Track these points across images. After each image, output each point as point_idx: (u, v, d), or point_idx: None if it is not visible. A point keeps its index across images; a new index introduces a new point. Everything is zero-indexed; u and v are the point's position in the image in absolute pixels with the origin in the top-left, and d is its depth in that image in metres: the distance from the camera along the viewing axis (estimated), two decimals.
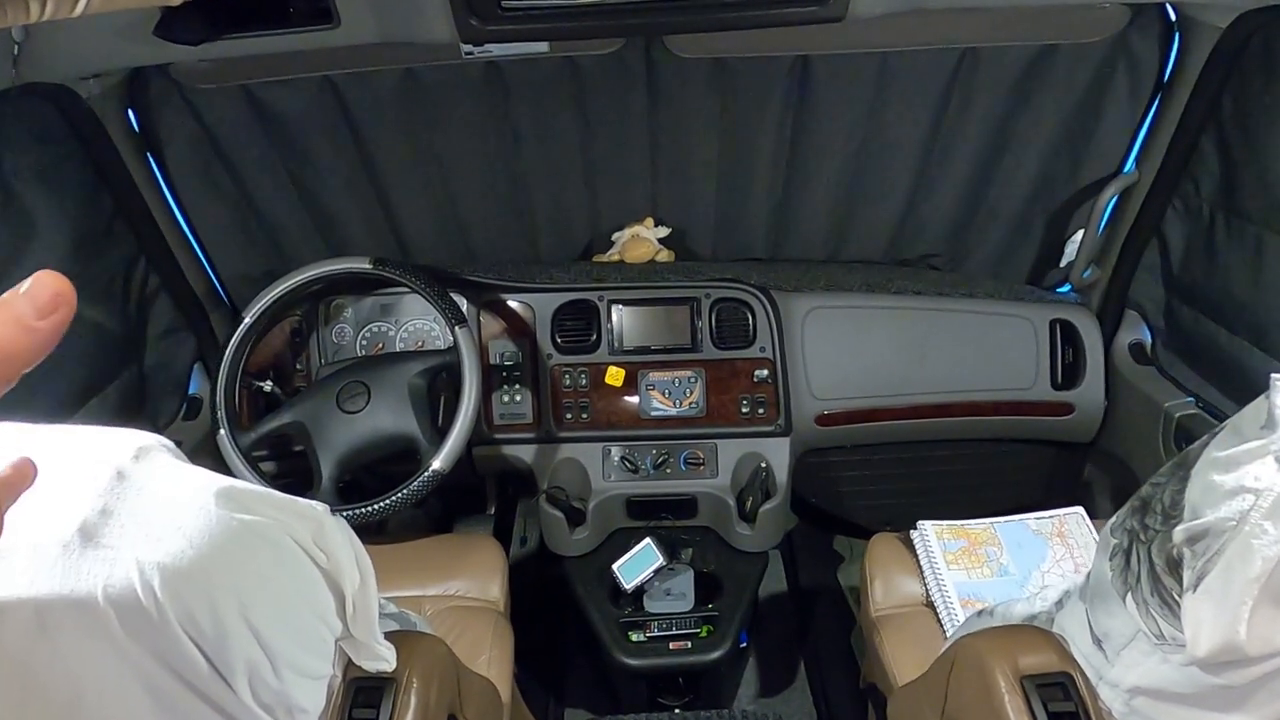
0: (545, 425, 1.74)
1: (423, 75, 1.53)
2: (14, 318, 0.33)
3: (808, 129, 1.65)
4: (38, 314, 0.33)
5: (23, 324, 0.33)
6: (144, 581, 0.63)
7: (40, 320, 0.33)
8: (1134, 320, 1.70)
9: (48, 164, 1.34)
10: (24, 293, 0.33)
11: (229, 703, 0.71)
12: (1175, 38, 1.44)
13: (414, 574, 1.53)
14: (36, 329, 0.33)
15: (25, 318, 0.33)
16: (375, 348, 1.77)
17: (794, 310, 1.74)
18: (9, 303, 0.33)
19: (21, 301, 0.33)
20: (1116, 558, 0.72)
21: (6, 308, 0.33)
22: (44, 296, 0.33)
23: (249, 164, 1.65)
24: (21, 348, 0.33)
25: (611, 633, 1.55)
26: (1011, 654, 0.79)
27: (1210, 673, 0.64)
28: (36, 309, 0.33)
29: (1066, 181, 1.70)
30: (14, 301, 0.33)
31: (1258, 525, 0.58)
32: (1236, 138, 1.36)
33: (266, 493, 0.72)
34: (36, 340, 0.33)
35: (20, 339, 0.33)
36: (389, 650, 0.82)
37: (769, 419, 1.72)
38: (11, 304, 0.33)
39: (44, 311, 0.33)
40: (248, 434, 1.53)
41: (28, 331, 0.33)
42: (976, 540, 1.50)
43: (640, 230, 1.83)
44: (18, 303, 0.33)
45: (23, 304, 0.33)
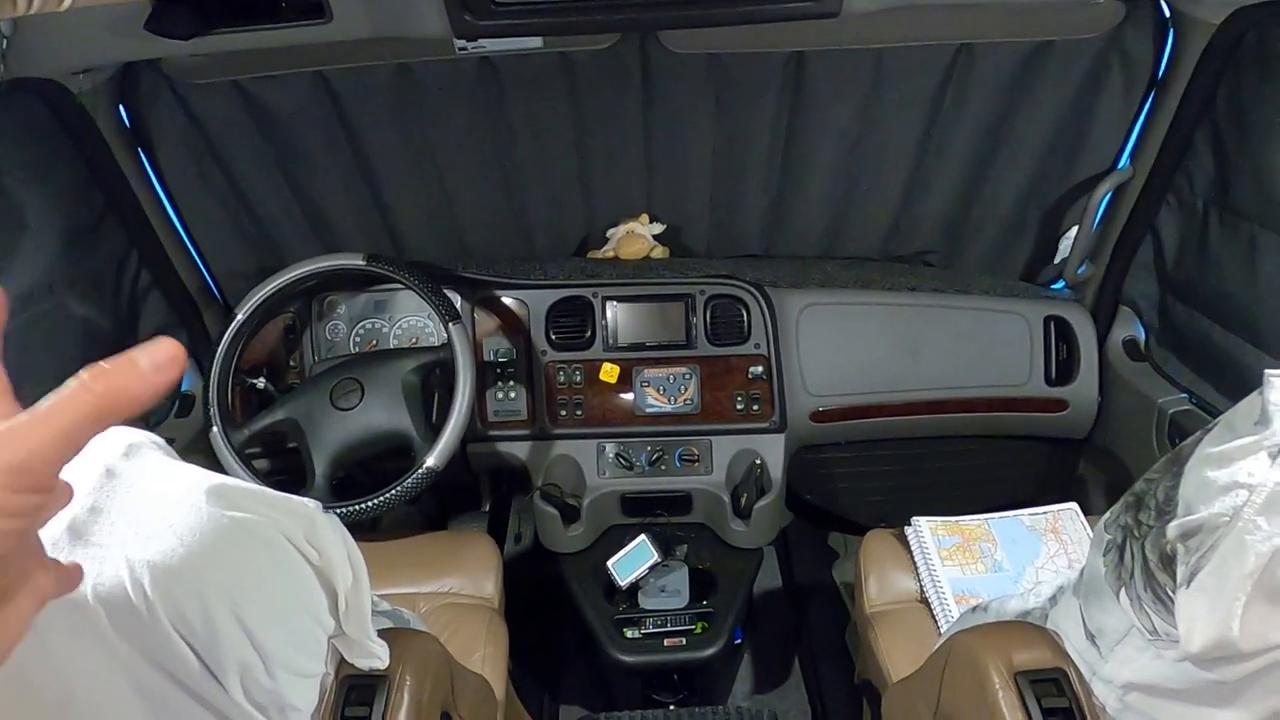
0: (540, 422, 1.74)
1: (416, 71, 1.53)
2: (134, 367, 0.40)
3: (803, 125, 1.65)
4: (154, 369, 0.40)
5: (140, 373, 0.39)
6: (134, 580, 0.62)
7: (155, 375, 0.40)
8: (1128, 316, 1.71)
9: (38, 160, 1.33)
10: (145, 349, 0.40)
11: (221, 702, 0.71)
12: (1169, 34, 1.44)
13: (408, 571, 1.53)
14: (150, 380, 0.40)
15: (144, 369, 0.40)
16: (369, 344, 1.77)
17: (789, 307, 1.74)
18: (133, 356, 0.40)
19: (142, 355, 0.40)
20: (1110, 553, 0.72)
21: (130, 360, 0.40)
22: (161, 355, 0.40)
23: (241, 160, 1.64)
24: (135, 393, 0.39)
25: (606, 629, 1.55)
26: (1005, 650, 0.80)
27: (1204, 668, 0.64)
28: (153, 364, 0.40)
29: (1061, 178, 1.70)
30: (137, 355, 0.40)
31: (1251, 521, 0.58)
32: (1230, 134, 1.36)
33: (258, 490, 0.72)
34: (147, 389, 0.40)
35: (135, 385, 0.39)
36: (382, 648, 0.82)
37: (764, 415, 1.72)
38: (135, 357, 0.40)
39: (159, 367, 0.40)
40: (241, 431, 1.52)
41: (142, 379, 0.39)
42: (971, 536, 1.50)
43: (635, 227, 1.83)
44: (139, 356, 0.40)
45: (143, 358, 0.40)
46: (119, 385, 0.39)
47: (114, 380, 0.39)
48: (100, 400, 0.39)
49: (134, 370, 0.39)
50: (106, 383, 0.39)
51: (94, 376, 0.39)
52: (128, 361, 0.39)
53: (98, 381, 0.39)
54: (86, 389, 0.39)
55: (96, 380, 0.39)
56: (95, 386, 0.39)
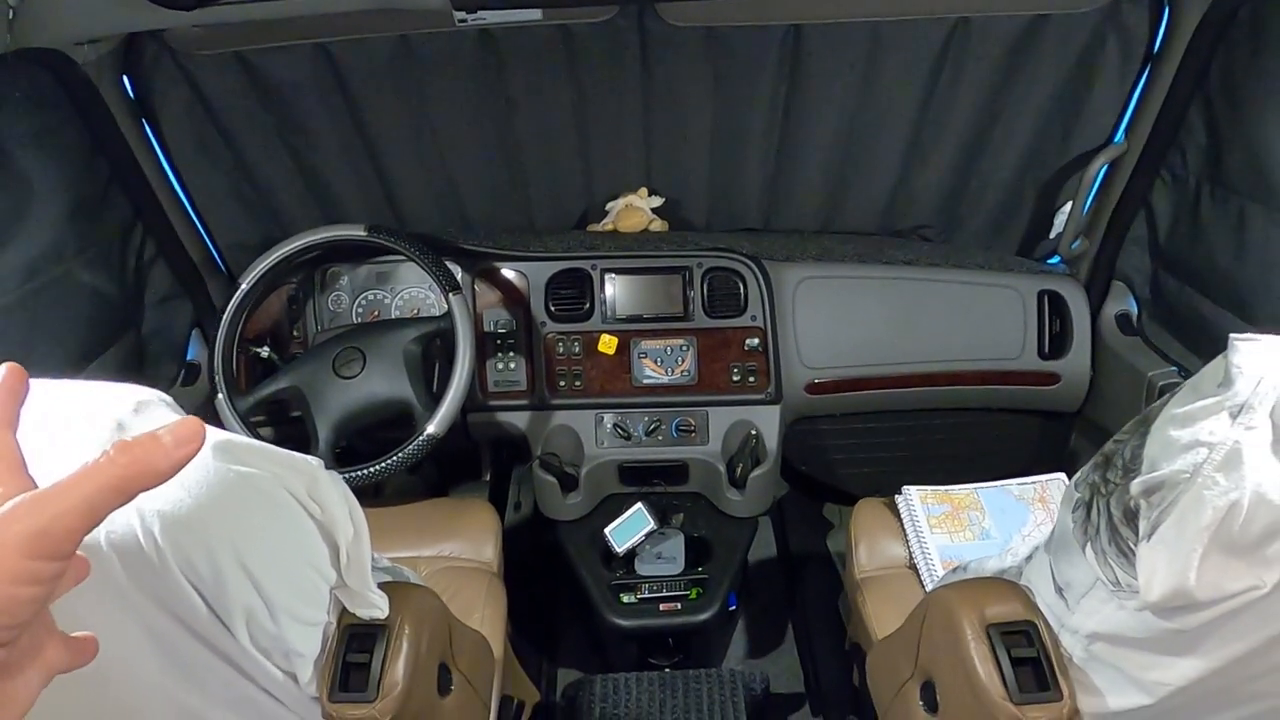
0: (539, 392, 1.76)
1: (417, 43, 1.54)
2: (159, 443, 0.43)
3: (800, 99, 1.65)
4: (177, 444, 0.44)
5: (164, 449, 0.43)
6: (145, 528, 0.65)
7: (177, 450, 0.44)
8: (1121, 291, 1.72)
9: (44, 129, 1.35)
10: (169, 427, 0.44)
11: (228, 646, 0.75)
12: (1165, 9, 1.44)
13: (409, 536, 1.56)
14: (173, 455, 0.43)
15: (168, 445, 0.43)
16: (371, 315, 1.79)
17: (785, 280, 1.76)
18: (158, 433, 0.43)
19: (166, 433, 0.44)
20: (1078, 510, 0.75)
21: (155, 436, 0.43)
22: (184, 432, 0.44)
23: (244, 131, 1.65)
24: (159, 467, 0.43)
25: (603, 595, 1.59)
26: (979, 604, 0.83)
27: (1163, 618, 0.67)
28: (176, 440, 0.44)
29: (1056, 152, 1.71)
30: (161, 432, 0.44)
31: (1210, 477, 0.61)
32: (1223, 109, 1.37)
33: (263, 447, 0.75)
34: (170, 464, 0.44)
35: (159, 459, 0.43)
36: (382, 599, 0.85)
37: (759, 387, 1.74)
38: (159, 434, 0.43)
39: (181, 443, 0.44)
40: (245, 398, 1.55)
41: (166, 455, 0.43)
42: (960, 505, 1.53)
43: (634, 200, 1.84)
44: (164, 433, 0.44)
45: (167, 435, 0.44)
46: (143, 458, 0.43)
47: (139, 454, 0.42)
48: (125, 472, 0.42)
49: (159, 446, 0.43)
50: (131, 456, 0.42)
51: (120, 450, 0.42)
52: (152, 438, 0.43)
53: (123, 455, 0.42)
54: (112, 462, 0.42)
55: (122, 454, 0.42)
56: (120, 459, 0.42)
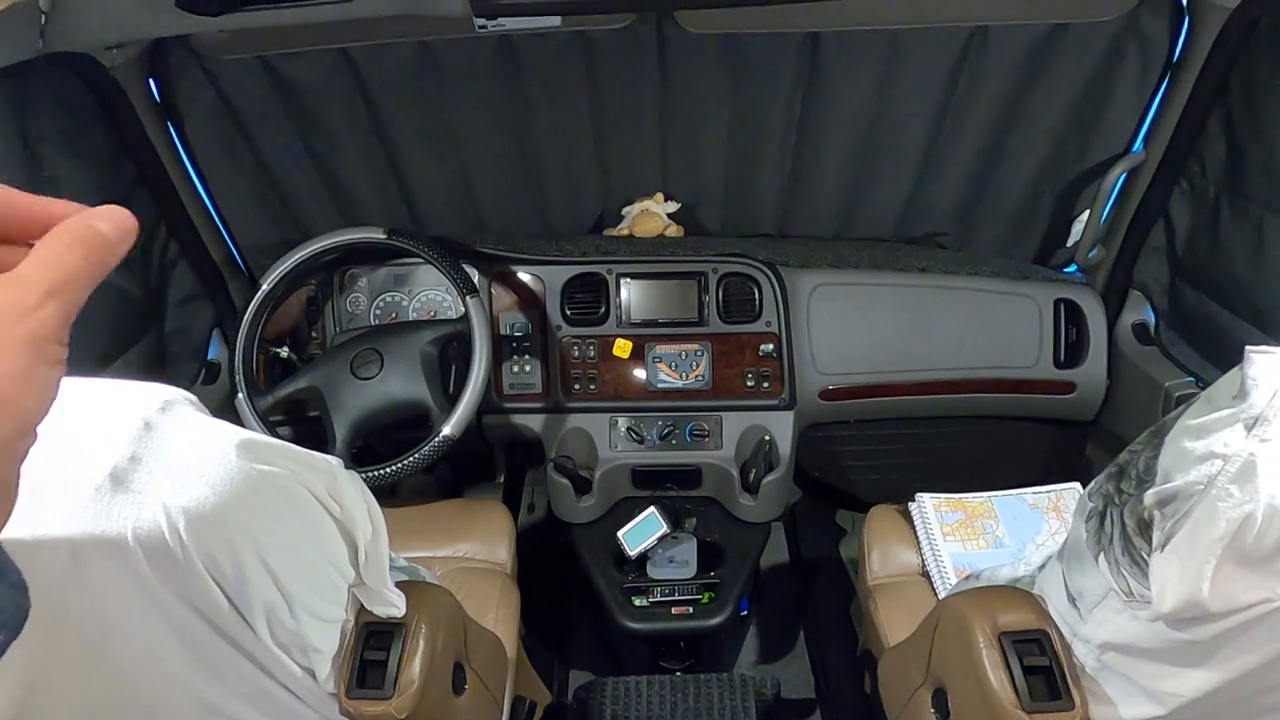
0: (554, 395, 1.77)
1: (437, 49, 1.55)
2: (87, 224, 0.35)
3: (817, 106, 1.66)
4: (114, 230, 0.35)
5: (96, 230, 0.35)
6: (170, 524, 0.67)
7: (112, 234, 0.35)
8: (1138, 300, 1.71)
9: (72, 131, 1.38)
10: (98, 212, 0.35)
11: (249, 641, 0.76)
12: (1185, 18, 1.44)
13: (424, 536, 1.58)
14: (109, 241, 0.35)
15: (98, 226, 0.35)
16: (389, 317, 1.81)
17: (800, 286, 1.76)
18: (86, 212, 0.35)
19: (95, 215, 0.35)
20: (1092, 520, 0.75)
21: (82, 216, 0.35)
22: (117, 216, 0.35)
23: (266, 135, 1.68)
24: (98, 252, 0.35)
25: (615, 597, 1.60)
26: (991, 612, 0.83)
27: (1176, 628, 0.67)
28: (112, 224, 0.35)
29: (1074, 161, 1.71)
30: (88, 214, 0.35)
31: (1224, 489, 0.61)
32: (1243, 120, 1.37)
33: (284, 446, 0.76)
34: (105, 246, 0.35)
35: (97, 244, 0.35)
36: (399, 597, 0.86)
37: (773, 393, 1.75)
38: (87, 215, 0.35)
39: (118, 230, 0.35)
40: (264, 398, 1.57)
41: (100, 237, 0.35)
42: (973, 513, 1.53)
43: (650, 205, 1.85)
44: (91, 215, 0.35)
45: (96, 218, 0.35)
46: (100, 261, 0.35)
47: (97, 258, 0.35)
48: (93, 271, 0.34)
49: (92, 230, 0.35)
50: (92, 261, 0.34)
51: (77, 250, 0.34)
52: (82, 220, 0.35)
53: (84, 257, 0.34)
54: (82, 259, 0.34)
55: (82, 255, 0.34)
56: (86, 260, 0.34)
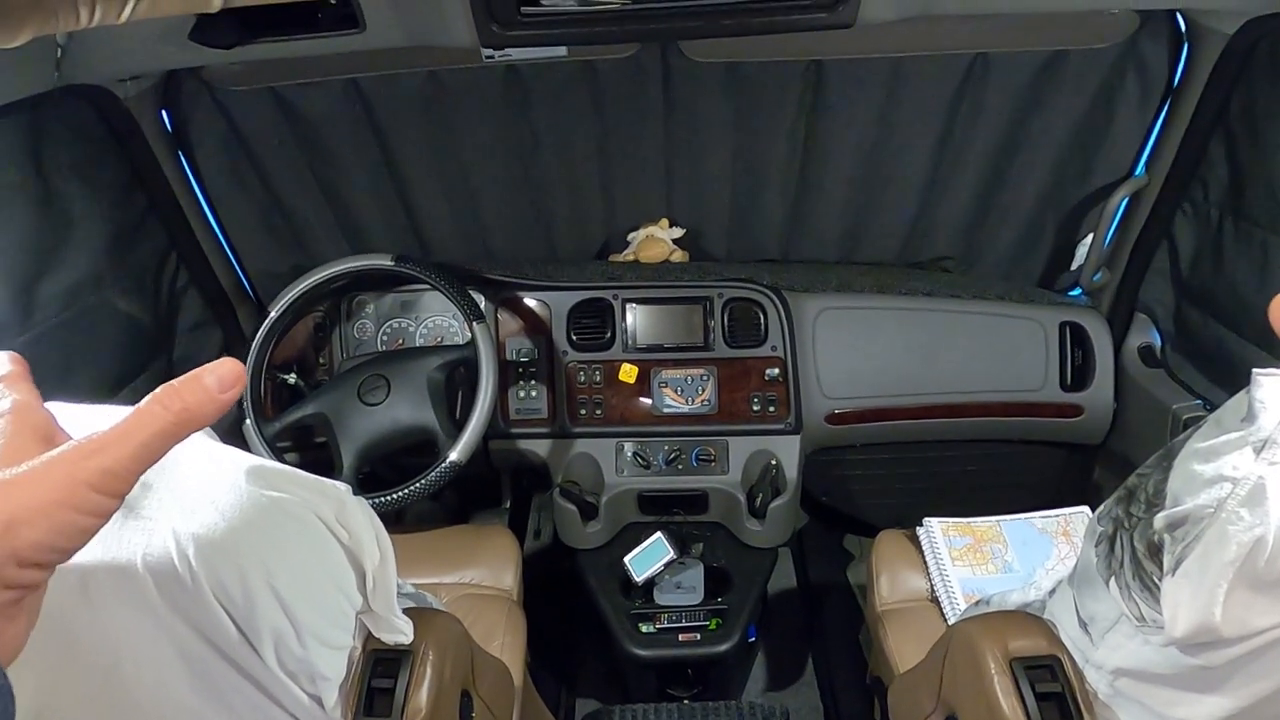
0: (560, 421, 1.78)
1: (444, 78, 1.58)
2: (204, 387, 0.44)
3: (821, 132, 1.67)
4: (221, 389, 0.44)
5: (209, 394, 0.44)
6: (180, 550, 0.67)
7: (221, 394, 0.44)
8: (1144, 323, 1.72)
9: (86, 161, 1.40)
10: (211, 370, 0.45)
11: (256, 669, 0.76)
12: (1184, 44, 1.45)
13: (430, 562, 1.57)
14: (217, 400, 0.44)
15: (211, 389, 0.44)
16: (395, 343, 1.82)
17: (805, 310, 1.77)
18: (200, 376, 0.44)
19: (209, 376, 0.45)
20: (1102, 544, 0.75)
21: (198, 382, 0.44)
22: (228, 376, 0.45)
23: (276, 164, 1.70)
24: (204, 413, 0.44)
25: (622, 624, 1.59)
26: (1002, 638, 0.82)
27: (1188, 654, 0.67)
28: (220, 385, 0.45)
29: (1077, 185, 1.72)
30: (204, 375, 0.45)
31: (1234, 512, 0.61)
32: (1244, 143, 1.38)
33: (293, 472, 0.76)
34: (215, 408, 0.44)
35: (205, 405, 0.44)
36: (407, 624, 0.86)
37: (779, 417, 1.74)
38: (202, 377, 0.44)
39: (224, 386, 0.45)
40: (272, 424, 1.58)
41: (211, 400, 0.44)
42: (982, 538, 1.52)
43: (655, 231, 1.86)
44: (207, 377, 0.45)
45: (210, 378, 0.44)
46: (191, 405, 0.44)
47: (188, 400, 0.44)
48: (178, 419, 0.44)
49: (205, 391, 0.44)
50: (183, 405, 0.44)
51: (170, 397, 0.44)
52: (197, 382, 0.44)
53: (173, 402, 0.44)
54: (166, 409, 0.43)
55: (171, 400, 0.44)
56: (172, 405, 0.44)
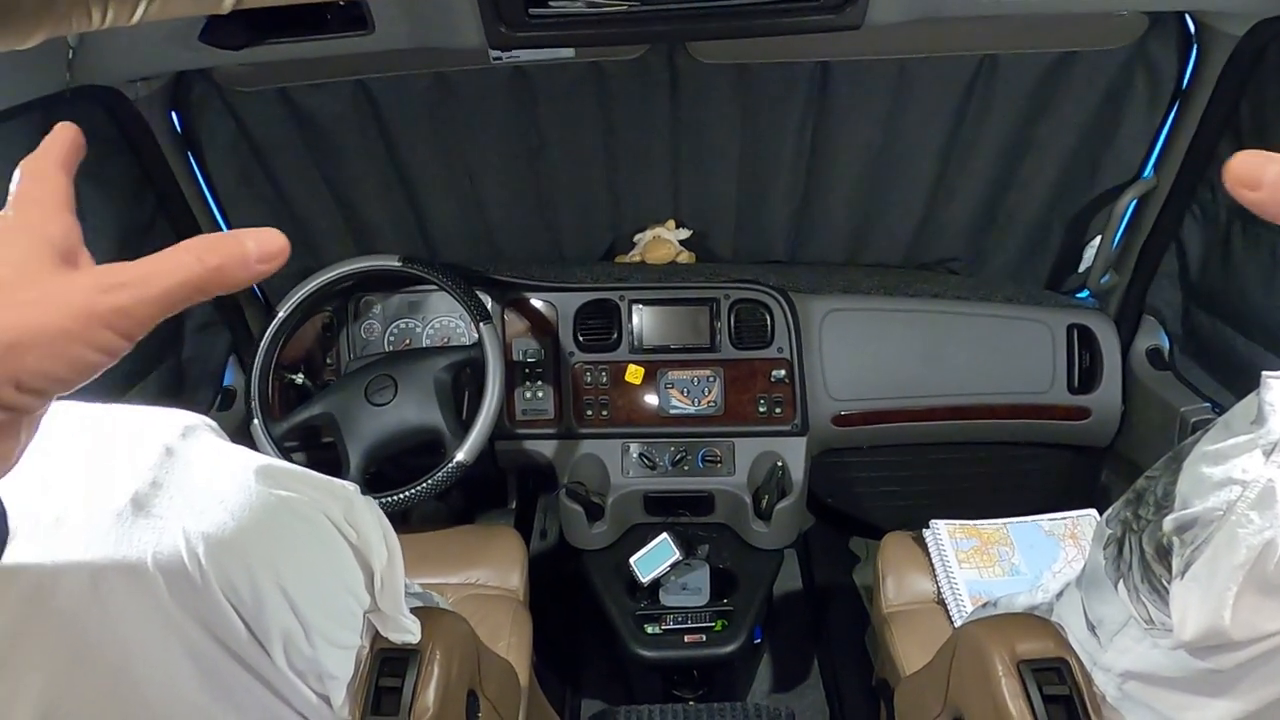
0: (566, 421, 1.78)
1: (452, 80, 1.58)
2: (243, 251, 0.38)
3: (828, 134, 1.67)
4: (260, 258, 0.38)
5: (246, 258, 0.38)
6: (190, 550, 0.67)
7: (258, 264, 0.38)
8: (1152, 326, 1.71)
9: (96, 162, 1.40)
10: (255, 235, 0.38)
11: (265, 668, 0.76)
12: (1193, 46, 1.45)
13: (436, 562, 1.57)
14: (252, 268, 0.38)
15: (249, 253, 0.38)
16: (403, 343, 1.82)
17: (812, 312, 1.76)
18: (243, 240, 0.38)
19: (251, 241, 0.38)
20: (1110, 547, 0.75)
21: (240, 242, 0.38)
22: (270, 245, 0.39)
23: (284, 165, 1.71)
24: (236, 276, 0.38)
25: (628, 625, 1.59)
26: (1010, 640, 0.82)
27: (1198, 657, 0.67)
28: (261, 253, 0.38)
29: (1085, 187, 1.71)
30: (245, 237, 0.38)
31: (1244, 515, 0.60)
32: (1253, 145, 1.35)
33: (302, 472, 0.77)
34: (247, 275, 0.38)
35: (239, 269, 0.38)
36: (414, 624, 0.86)
37: (786, 419, 1.74)
38: (244, 241, 0.38)
39: (264, 258, 0.38)
40: (280, 424, 1.58)
41: (245, 265, 0.38)
42: (989, 540, 1.51)
43: (662, 232, 1.87)
44: (249, 241, 0.38)
45: (252, 243, 0.38)
46: (225, 264, 0.38)
47: (223, 257, 0.38)
48: (206, 273, 0.38)
49: (242, 252, 0.38)
50: (216, 259, 0.38)
51: (207, 251, 0.38)
52: (238, 243, 0.38)
53: (211, 257, 0.38)
54: (200, 261, 0.38)
55: (207, 254, 0.38)
56: (208, 261, 0.38)
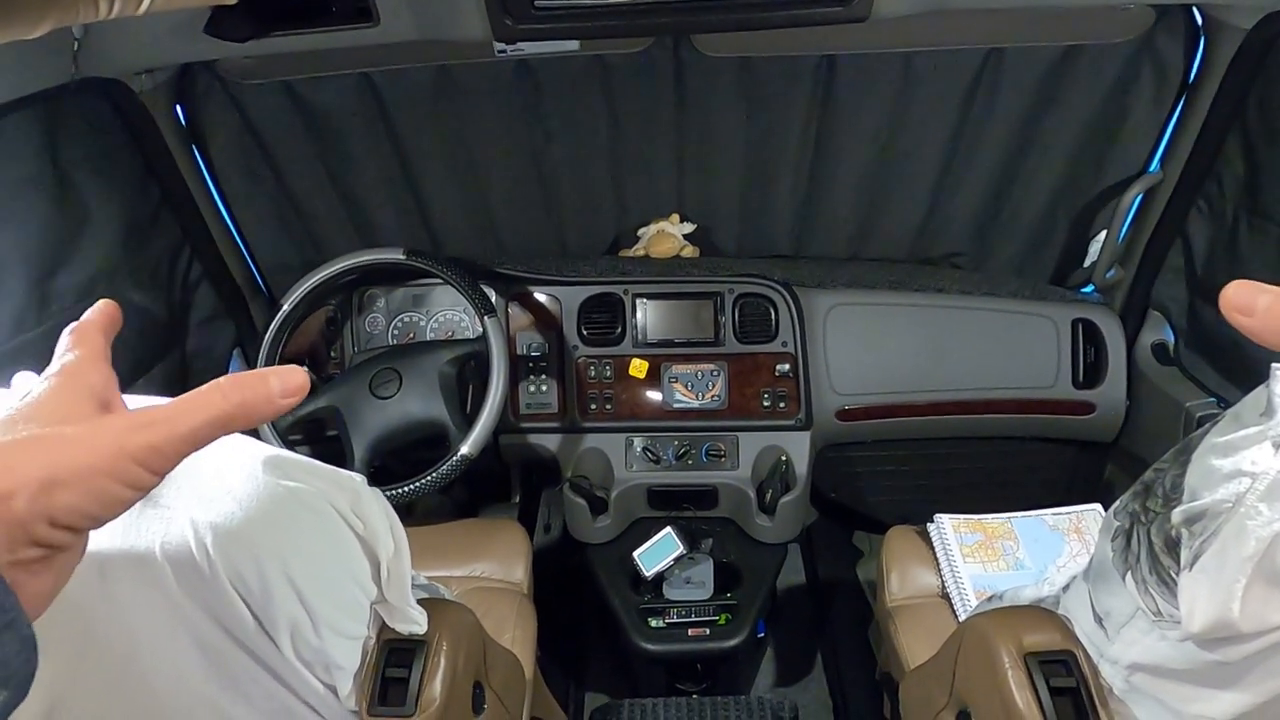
0: (570, 415, 1.78)
1: (456, 73, 1.58)
2: (267, 388, 0.44)
3: (833, 128, 1.67)
4: (283, 394, 0.44)
5: (270, 395, 0.44)
6: (197, 539, 0.67)
7: (282, 399, 0.44)
8: (1157, 320, 1.71)
9: (101, 155, 1.41)
10: (279, 373, 0.44)
11: (272, 658, 0.76)
12: (1200, 39, 1.44)
13: (440, 555, 1.58)
14: (276, 404, 0.44)
15: (273, 391, 0.44)
16: (406, 337, 1.83)
17: (816, 306, 1.76)
18: (266, 377, 0.44)
19: (275, 379, 0.44)
20: (1118, 539, 0.75)
21: (264, 380, 0.44)
22: (292, 383, 0.44)
23: (289, 157, 1.71)
24: (261, 412, 0.44)
25: (631, 618, 1.59)
26: (1016, 633, 0.82)
27: (1205, 649, 0.66)
28: (284, 389, 0.44)
29: (1091, 181, 1.71)
30: (270, 376, 0.44)
31: (1253, 507, 0.60)
32: (1261, 139, 1.37)
33: (309, 463, 0.77)
34: (272, 411, 0.44)
35: (263, 405, 0.44)
36: (421, 614, 0.86)
37: (790, 413, 1.74)
38: (268, 379, 0.44)
39: (287, 394, 0.44)
40: (284, 417, 1.58)
41: (270, 402, 0.44)
42: (993, 534, 1.51)
43: (666, 226, 1.87)
44: (272, 379, 0.44)
45: (275, 381, 0.44)
46: (250, 401, 0.43)
47: (247, 395, 0.43)
48: (233, 411, 0.43)
49: (266, 390, 0.43)
50: (241, 396, 0.43)
51: (232, 388, 0.43)
52: (262, 381, 0.43)
53: (235, 393, 0.43)
54: (225, 398, 0.42)
55: (234, 392, 0.43)
56: (232, 397, 0.43)
